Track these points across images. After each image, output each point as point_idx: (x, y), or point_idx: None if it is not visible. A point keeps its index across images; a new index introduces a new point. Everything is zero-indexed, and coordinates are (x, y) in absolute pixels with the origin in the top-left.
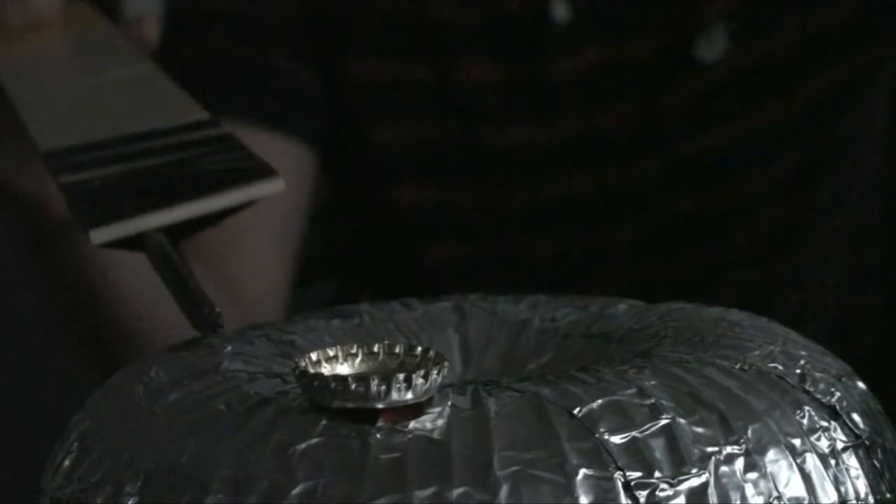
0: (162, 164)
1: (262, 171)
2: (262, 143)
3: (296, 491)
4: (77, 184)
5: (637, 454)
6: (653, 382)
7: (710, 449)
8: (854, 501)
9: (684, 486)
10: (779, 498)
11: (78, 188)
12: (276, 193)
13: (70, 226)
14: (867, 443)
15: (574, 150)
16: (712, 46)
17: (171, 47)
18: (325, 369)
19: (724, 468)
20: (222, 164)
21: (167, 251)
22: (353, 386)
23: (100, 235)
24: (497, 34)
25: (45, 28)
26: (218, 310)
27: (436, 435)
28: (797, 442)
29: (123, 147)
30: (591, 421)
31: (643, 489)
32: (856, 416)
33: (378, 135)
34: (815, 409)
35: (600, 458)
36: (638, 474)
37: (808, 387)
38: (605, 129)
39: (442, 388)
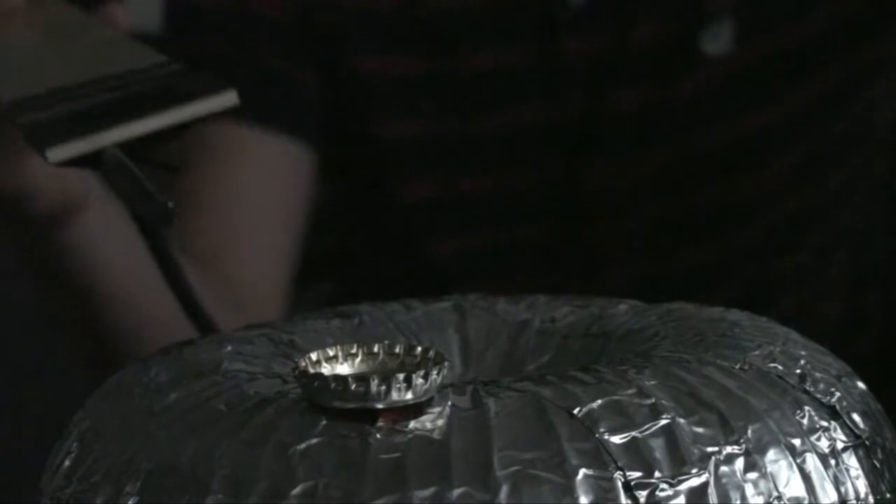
0: (119, 96)
1: (214, 86)
2: (262, 142)
3: (296, 491)
4: (36, 120)
5: (637, 454)
6: (653, 382)
7: (710, 449)
8: (854, 501)
9: (684, 486)
10: (779, 498)
11: (37, 123)
12: (229, 107)
13: (57, 222)
14: (867, 443)
15: (580, 140)
16: (718, 41)
17: (169, 47)
18: (325, 369)
19: (724, 468)
20: (176, 85)
21: (124, 162)
22: (353, 386)
23: (56, 154)
24: (505, 20)
25: (9, 18)
26: (171, 204)
27: (436, 435)
28: (797, 442)
29: (83, 90)
30: (591, 421)
31: (643, 489)
32: (856, 416)
33: (384, 130)
34: (815, 409)
35: (600, 458)
36: (638, 474)
37: (808, 387)
38: (611, 117)
39: (442, 388)
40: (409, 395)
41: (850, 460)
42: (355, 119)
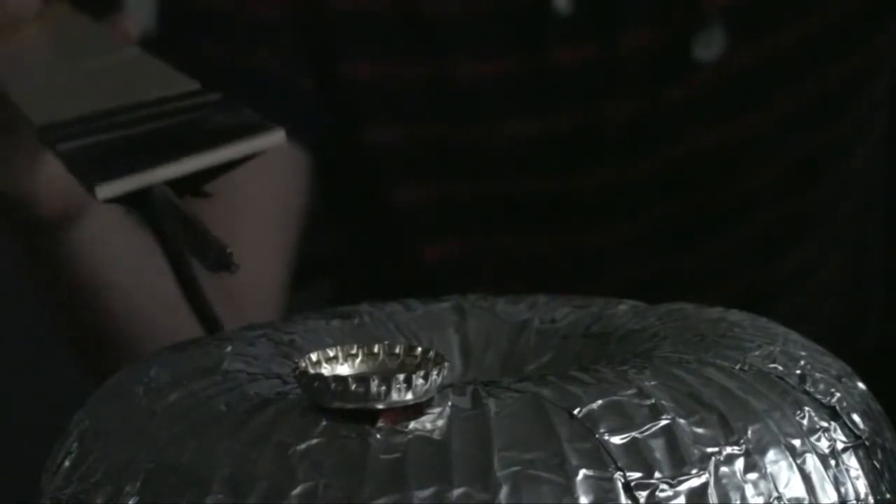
0: (161, 127)
1: (262, 124)
2: None
3: (296, 491)
4: (76, 149)
5: (637, 454)
6: (653, 383)
7: (710, 449)
8: (854, 502)
9: (684, 487)
10: (779, 498)
11: (77, 152)
12: (277, 145)
13: (58, 227)
14: (867, 443)
15: (573, 146)
16: (710, 46)
17: (163, 50)
18: (325, 370)
19: (724, 468)
20: (222, 121)
21: (174, 202)
22: (354, 386)
23: (105, 191)
24: (495, 27)
25: (23, 28)
26: (230, 250)
27: (436, 435)
28: (797, 442)
29: (119, 116)
30: (591, 421)
31: (643, 489)
32: (856, 417)
33: (375, 135)
34: (815, 410)
35: (600, 458)
36: (638, 475)
37: (808, 387)
38: (604, 124)
39: (442, 388)
40: (409, 396)
41: (850, 461)
42: (349, 123)
